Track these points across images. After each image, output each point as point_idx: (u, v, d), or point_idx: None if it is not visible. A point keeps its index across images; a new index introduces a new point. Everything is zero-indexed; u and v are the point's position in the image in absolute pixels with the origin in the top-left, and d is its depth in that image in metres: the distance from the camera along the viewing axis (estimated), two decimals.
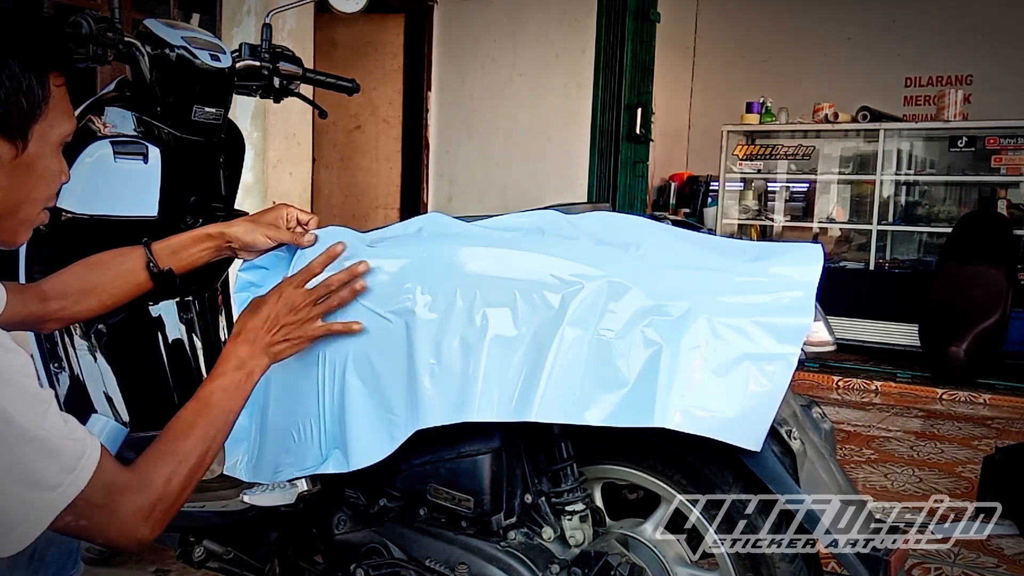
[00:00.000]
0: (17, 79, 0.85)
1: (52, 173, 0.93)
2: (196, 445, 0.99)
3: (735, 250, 1.28)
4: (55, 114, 0.90)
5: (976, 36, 6.25)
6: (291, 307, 1.17)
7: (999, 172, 5.26)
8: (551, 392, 1.13)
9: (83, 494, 0.84)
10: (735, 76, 7.06)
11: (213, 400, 1.05)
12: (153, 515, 0.91)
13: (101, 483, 0.86)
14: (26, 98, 0.86)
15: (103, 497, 0.86)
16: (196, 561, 1.51)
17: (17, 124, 0.86)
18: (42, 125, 0.89)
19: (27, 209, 0.93)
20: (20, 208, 0.92)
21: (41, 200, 0.94)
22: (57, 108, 0.91)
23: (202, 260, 1.30)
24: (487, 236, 1.32)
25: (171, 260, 1.28)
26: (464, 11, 5.92)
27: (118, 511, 0.88)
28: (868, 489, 2.94)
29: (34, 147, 0.89)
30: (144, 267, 1.26)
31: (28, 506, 0.81)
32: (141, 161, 1.61)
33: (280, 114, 4.14)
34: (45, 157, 0.91)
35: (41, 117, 0.88)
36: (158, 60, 1.59)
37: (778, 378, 1.09)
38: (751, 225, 6.19)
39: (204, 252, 1.30)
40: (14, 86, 0.85)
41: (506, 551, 1.27)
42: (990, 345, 4.67)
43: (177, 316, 1.74)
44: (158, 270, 1.26)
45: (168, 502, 0.93)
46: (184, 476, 0.96)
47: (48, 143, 0.91)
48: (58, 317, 1.23)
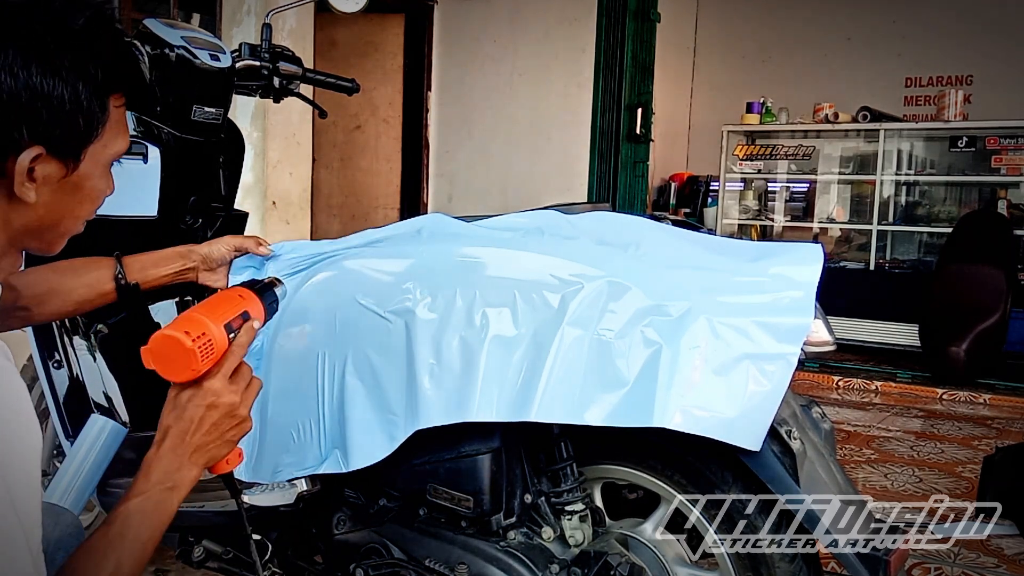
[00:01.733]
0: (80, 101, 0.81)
1: (99, 191, 0.90)
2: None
3: (735, 250, 1.28)
4: (111, 135, 0.87)
5: (976, 36, 6.25)
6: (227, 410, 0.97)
7: (999, 172, 5.26)
8: (551, 392, 1.13)
9: None
10: (735, 76, 7.06)
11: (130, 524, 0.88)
12: None
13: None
14: (85, 120, 0.82)
15: None
16: (195, 561, 1.51)
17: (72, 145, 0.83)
18: (96, 146, 0.85)
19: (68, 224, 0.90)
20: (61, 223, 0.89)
21: (83, 216, 0.91)
22: (114, 128, 0.87)
23: (167, 280, 1.34)
24: (487, 236, 1.32)
25: (139, 275, 1.29)
26: (464, 11, 5.91)
27: None
28: (868, 489, 2.94)
29: (85, 167, 0.85)
30: (112, 278, 1.27)
31: None
32: (141, 161, 1.61)
33: (280, 114, 4.14)
34: (95, 177, 0.88)
35: (97, 139, 0.85)
36: (158, 60, 1.59)
37: (778, 378, 1.10)
38: (751, 225, 6.19)
39: (170, 271, 1.33)
40: (75, 108, 0.81)
41: (506, 551, 1.27)
42: (990, 345, 4.67)
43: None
44: (125, 283, 1.27)
45: None
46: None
47: (99, 163, 0.87)
48: (19, 316, 1.21)
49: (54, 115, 0.80)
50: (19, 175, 0.79)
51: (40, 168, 0.81)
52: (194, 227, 1.76)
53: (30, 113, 0.78)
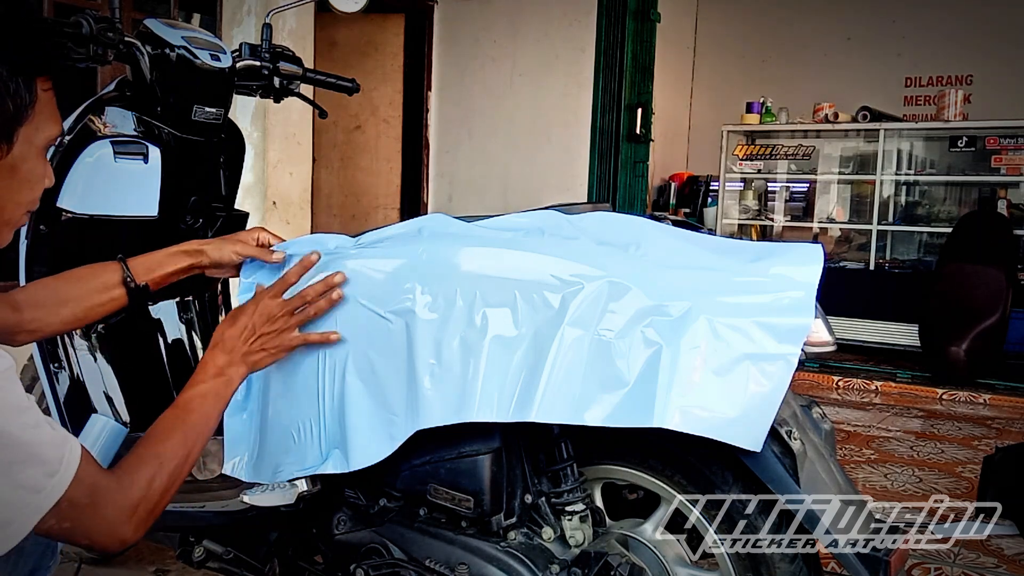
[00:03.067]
0: (4, 83, 0.85)
1: (36, 176, 0.93)
2: (176, 449, 1.01)
3: (735, 250, 1.28)
4: (41, 118, 0.90)
5: (976, 36, 6.25)
6: (267, 318, 1.19)
7: (999, 172, 5.26)
8: (551, 392, 1.13)
9: (66, 496, 0.85)
10: (735, 76, 7.06)
11: (192, 406, 1.07)
12: (136, 516, 0.93)
13: (83, 485, 0.87)
14: (12, 101, 0.86)
15: (86, 498, 0.87)
16: (196, 561, 1.51)
17: (2, 127, 0.87)
18: (27, 128, 0.89)
19: (9, 211, 0.92)
20: (3, 210, 0.92)
21: (24, 203, 0.94)
22: (43, 112, 0.90)
23: (175, 277, 1.33)
24: (487, 236, 1.32)
25: (147, 276, 1.30)
26: (464, 11, 5.92)
27: (101, 512, 0.89)
28: (868, 489, 2.94)
29: (19, 150, 0.89)
30: (120, 282, 1.27)
31: (13, 509, 0.83)
32: (141, 161, 1.61)
33: (280, 114, 4.14)
34: (30, 160, 0.91)
35: (27, 120, 0.88)
36: (158, 60, 1.59)
37: (778, 378, 1.09)
38: (751, 225, 6.19)
39: (177, 269, 1.32)
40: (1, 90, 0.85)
41: (506, 551, 1.27)
42: (990, 345, 4.67)
43: (177, 316, 1.74)
44: (135, 285, 1.28)
45: (150, 503, 0.95)
46: (165, 478, 0.98)
47: (33, 146, 0.91)
48: (30, 329, 1.23)
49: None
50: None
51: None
52: (194, 227, 1.76)
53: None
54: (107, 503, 0.90)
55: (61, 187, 1.53)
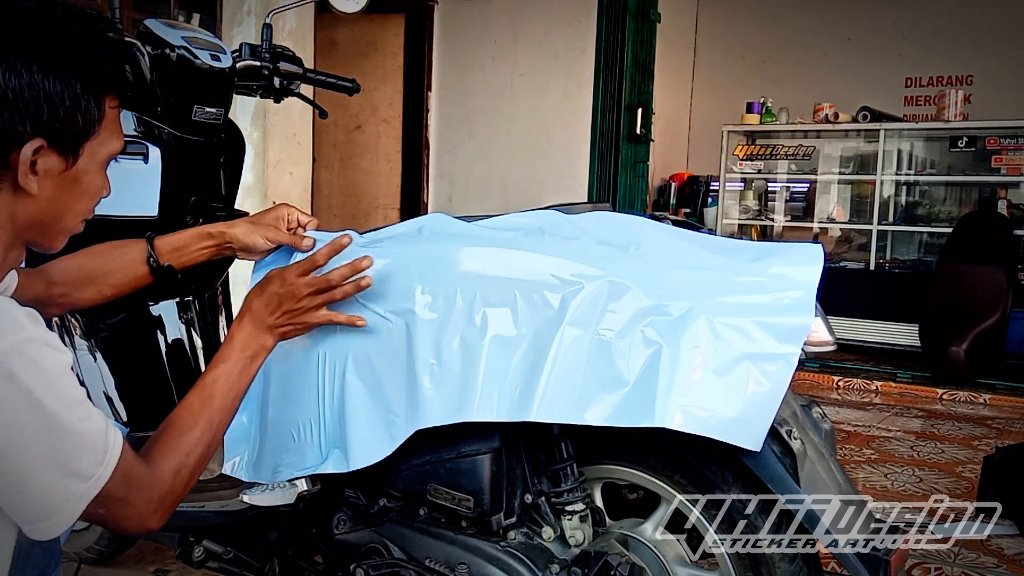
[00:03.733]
0: (77, 99, 0.90)
1: (96, 188, 0.98)
2: (202, 436, 1.03)
3: (735, 250, 1.28)
4: (107, 134, 0.96)
5: (976, 36, 6.25)
6: (294, 295, 1.18)
7: (999, 172, 5.26)
8: (551, 392, 1.14)
9: (107, 485, 0.89)
10: (735, 76, 7.05)
11: (217, 388, 1.08)
12: (163, 507, 0.97)
13: (121, 475, 0.91)
14: (83, 117, 0.91)
15: (122, 489, 0.91)
16: (196, 561, 1.51)
17: (71, 141, 0.92)
18: (93, 143, 0.94)
19: (68, 219, 0.98)
20: (62, 218, 0.97)
21: (82, 212, 0.99)
22: (109, 128, 0.96)
23: (202, 258, 1.32)
24: (487, 236, 1.32)
25: (172, 256, 1.30)
26: (464, 11, 5.92)
27: (133, 503, 0.93)
28: (868, 489, 2.94)
29: (83, 163, 0.94)
30: (145, 261, 1.28)
31: (67, 494, 0.87)
32: (141, 161, 1.61)
33: (280, 114, 4.14)
34: (92, 173, 0.96)
35: (94, 136, 0.94)
36: (158, 60, 1.59)
37: (778, 378, 1.10)
38: (751, 225, 6.18)
39: (204, 251, 1.32)
40: (73, 105, 0.90)
41: (506, 551, 1.27)
42: (990, 345, 4.67)
43: (177, 316, 1.74)
44: (158, 265, 1.28)
45: (176, 494, 0.99)
46: (191, 468, 1.01)
47: (96, 160, 0.96)
48: (59, 303, 1.26)
49: (54, 111, 0.89)
50: (23, 165, 0.89)
51: (42, 161, 0.90)
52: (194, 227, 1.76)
53: (32, 109, 0.88)
54: (139, 495, 0.94)
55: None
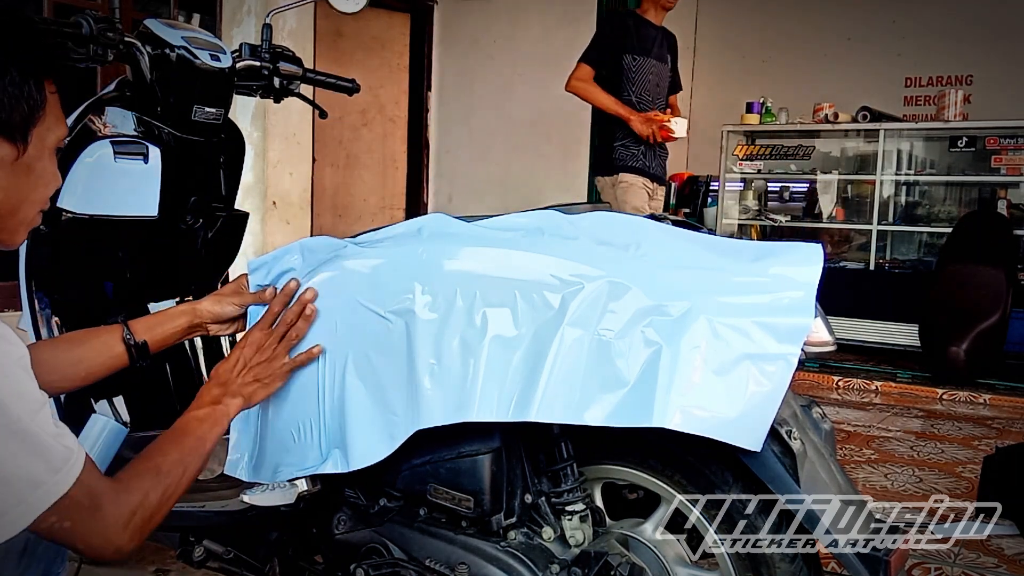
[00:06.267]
0: (18, 84, 0.91)
1: (49, 175, 0.99)
2: (174, 466, 1.05)
3: (735, 250, 1.28)
4: (51, 119, 0.97)
5: (976, 36, 6.25)
6: (256, 348, 1.25)
7: (999, 172, 5.25)
8: (551, 392, 1.13)
9: (68, 496, 0.88)
10: (735, 76, 7.05)
11: (189, 428, 1.13)
12: (132, 524, 0.96)
13: (85, 488, 0.90)
14: (27, 103, 0.92)
15: (87, 500, 0.91)
16: (196, 561, 1.51)
17: (19, 126, 0.92)
18: (40, 129, 0.95)
19: (26, 210, 0.98)
20: (20, 208, 0.97)
21: (38, 202, 1.00)
22: (52, 113, 0.97)
23: (176, 336, 1.35)
24: (487, 236, 1.32)
25: (146, 335, 1.32)
26: (464, 11, 5.92)
27: (99, 516, 0.93)
28: (868, 489, 2.94)
29: (33, 150, 0.95)
30: (120, 340, 1.29)
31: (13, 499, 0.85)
32: (141, 161, 1.61)
33: (280, 114, 4.14)
34: (43, 160, 0.97)
35: (39, 121, 0.95)
36: (158, 60, 1.59)
37: (778, 378, 1.09)
38: (751, 225, 6.18)
39: (177, 329, 1.34)
40: (15, 91, 0.91)
41: (506, 551, 1.27)
42: (990, 345, 4.66)
43: None
44: (134, 342, 1.30)
45: (147, 513, 0.98)
46: (162, 491, 1.01)
47: (45, 146, 0.97)
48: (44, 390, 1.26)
49: None
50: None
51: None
52: (194, 227, 1.76)
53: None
54: (106, 509, 0.93)
55: (61, 187, 1.53)
